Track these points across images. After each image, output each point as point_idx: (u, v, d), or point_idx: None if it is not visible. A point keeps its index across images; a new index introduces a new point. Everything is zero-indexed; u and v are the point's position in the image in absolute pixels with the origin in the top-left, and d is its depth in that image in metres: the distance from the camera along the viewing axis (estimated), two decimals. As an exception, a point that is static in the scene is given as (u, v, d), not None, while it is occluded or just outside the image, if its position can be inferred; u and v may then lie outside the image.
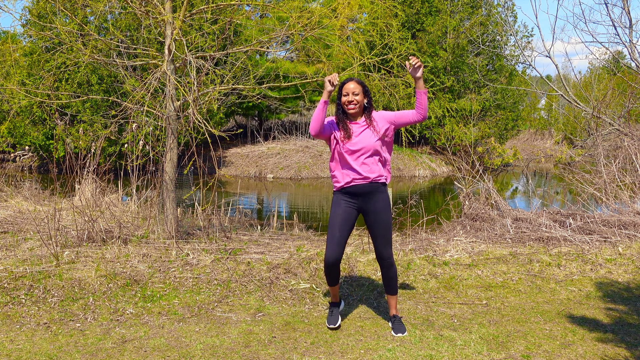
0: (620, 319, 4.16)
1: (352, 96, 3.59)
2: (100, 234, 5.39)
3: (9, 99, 8.74)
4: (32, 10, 10.45)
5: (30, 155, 18.37)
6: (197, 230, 6.20)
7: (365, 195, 3.65)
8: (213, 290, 4.45)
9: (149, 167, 6.62)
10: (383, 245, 3.70)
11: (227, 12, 6.29)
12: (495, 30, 19.52)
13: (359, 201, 3.67)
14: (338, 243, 3.62)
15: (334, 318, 3.86)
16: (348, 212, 3.67)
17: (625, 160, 8.44)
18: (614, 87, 14.17)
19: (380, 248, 3.71)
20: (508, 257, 5.40)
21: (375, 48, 6.63)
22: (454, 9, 22.22)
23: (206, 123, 4.92)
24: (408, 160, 20.35)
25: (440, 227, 7.17)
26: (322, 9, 6.18)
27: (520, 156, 22.70)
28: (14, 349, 3.41)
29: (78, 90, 14.85)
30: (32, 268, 4.49)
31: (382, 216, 3.67)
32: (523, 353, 3.48)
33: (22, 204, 7.66)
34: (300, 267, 4.93)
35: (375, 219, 3.67)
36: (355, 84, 3.62)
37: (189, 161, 5.39)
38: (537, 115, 35.93)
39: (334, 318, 3.86)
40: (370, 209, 3.67)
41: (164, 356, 3.34)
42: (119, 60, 5.86)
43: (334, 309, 3.92)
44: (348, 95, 3.60)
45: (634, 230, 6.24)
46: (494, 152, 21.24)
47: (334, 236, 3.62)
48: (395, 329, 3.75)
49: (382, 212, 3.67)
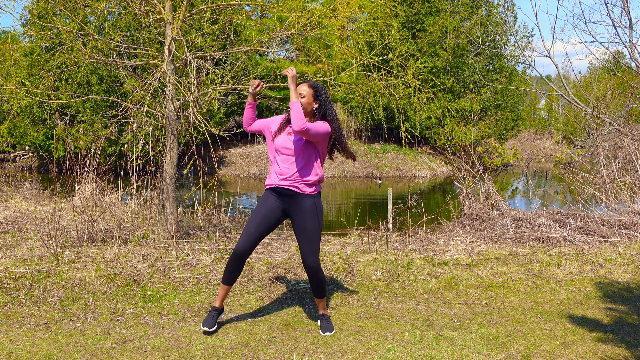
0: (620, 319, 4.16)
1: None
2: (100, 234, 5.39)
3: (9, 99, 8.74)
4: (32, 10, 10.45)
5: (30, 155, 18.37)
6: (197, 230, 6.20)
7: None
8: (213, 290, 4.45)
9: (149, 167, 6.62)
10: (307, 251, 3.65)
11: (227, 12, 6.29)
12: (495, 30, 19.52)
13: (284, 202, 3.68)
14: (250, 238, 3.60)
15: (211, 321, 3.65)
16: (271, 209, 3.67)
17: (625, 160, 8.44)
18: (614, 87, 14.17)
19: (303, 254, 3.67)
20: (508, 257, 5.40)
21: (375, 48, 6.63)
22: (454, 9, 22.22)
23: (206, 123, 4.92)
24: (408, 160, 20.35)
25: (440, 227, 7.17)
26: (322, 9, 6.19)
27: (520, 156, 22.70)
28: (14, 349, 3.41)
29: (78, 90, 14.85)
30: (32, 268, 4.49)
31: (305, 222, 3.62)
32: (523, 353, 3.48)
33: (22, 204, 7.66)
34: (300, 267, 4.93)
35: (297, 224, 3.64)
36: (306, 87, 3.64)
37: (189, 161, 5.39)
38: (537, 115, 35.93)
39: (211, 321, 3.64)
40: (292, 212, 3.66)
41: (164, 356, 3.34)
42: (119, 60, 5.86)
43: (214, 313, 3.70)
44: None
45: (634, 230, 6.24)
46: (494, 152, 21.25)
47: (248, 231, 3.61)
48: (322, 327, 3.76)
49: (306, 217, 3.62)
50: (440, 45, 21.86)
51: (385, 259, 5.17)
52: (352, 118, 22.73)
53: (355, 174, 19.38)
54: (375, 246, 5.60)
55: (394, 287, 4.74)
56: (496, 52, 19.55)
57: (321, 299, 3.84)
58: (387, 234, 5.82)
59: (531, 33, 48.97)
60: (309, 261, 3.65)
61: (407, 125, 20.52)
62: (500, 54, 20.31)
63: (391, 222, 6.50)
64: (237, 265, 3.65)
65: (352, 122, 22.83)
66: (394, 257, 5.23)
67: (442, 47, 21.78)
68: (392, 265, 5.06)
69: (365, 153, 20.40)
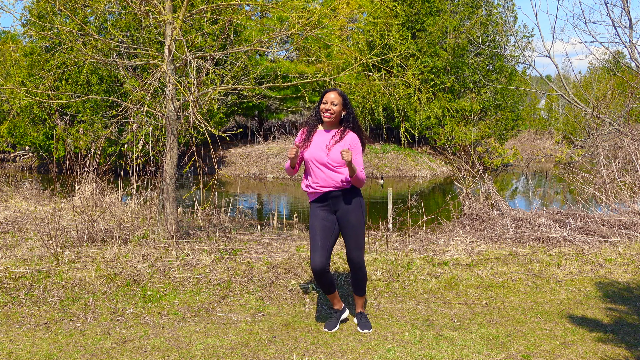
0: (620, 319, 4.16)
1: (331, 105, 3.64)
2: (100, 234, 5.39)
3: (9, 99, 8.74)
4: (32, 10, 10.44)
5: (30, 155, 18.37)
6: (197, 230, 6.20)
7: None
8: (213, 290, 4.45)
9: (149, 167, 6.62)
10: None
11: (227, 12, 6.29)
12: (495, 30, 19.53)
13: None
14: (322, 248, 3.66)
15: (331, 323, 3.88)
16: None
17: (625, 160, 8.43)
18: (614, 87, 14.17)
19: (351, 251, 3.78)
20: (508, 257, 5.40)
21: (375, 48, 6.63)
22: (454, 9, 22.23)
23: (206, 123, 4.92)
24: (408, 160, 20.35)
25: (440, 227, 7.17)
26: (322, 9, 6.18)
27: (520, 156, 22.70)
28: (14, 349, 3.41)
29: (78, 90, 14.84)
30: (32, 268, 4.49)
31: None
32: (523, 353, 3.48)
33: (22, 204, 7.66)
34: (300, 267, 4.93)
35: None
36: (336, 94, 3.67)
37: (189, 161, 5.38)
38: (537, 115, 35.94)
39: (331, 323, 3.88)
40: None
41: (164, 356, 3.34)
42: (119, 60, 5.85)
43: (334, 315, 3.94)
44: (327, 103, 3.66)
45: (634, 230, 6.24)
46: (494, 152, 21.24)
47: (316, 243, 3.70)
48: (361, 325, 3.85)
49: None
50: (440, 45, 21.86)
51: (385, 259, 5.17)
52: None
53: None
54: (375, 246, 5.59)
55: (394, 287, 4.74)
56: (496, 52, 19.55)
57: (361, 296, 3.93)
58: (387, 234, 5.82)
59: (531, 33, 48.94)
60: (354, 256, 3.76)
61: (407, 125, 20.53)
62: (500, 54, 20.30)
63: (391, 222, 6.50)
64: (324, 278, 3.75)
65: (352, 122, 22.79)
66: (394, 257, 5.23)
67: (442, 47, 21.78)
68: (392, 265, 5.06)
69: (365, 153, 20.41)
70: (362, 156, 3.72)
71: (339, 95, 3.67)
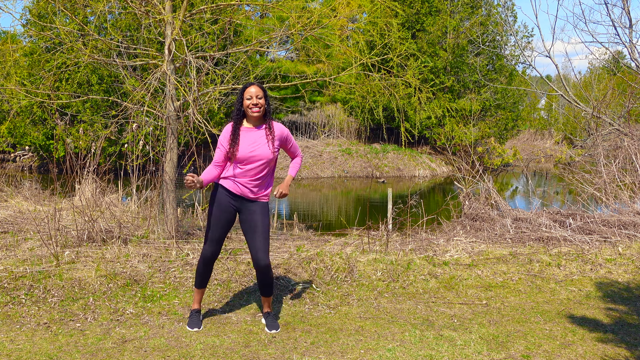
0: (620, 319, 4.16)
1: (257, 99, 3.57)
2: (100, 234, 5.39)
3: (9, 99, 8.74)
4: (32, 10, 10.44)
5: (30, 155, 18.37)
6: (197, 230, 6.20)
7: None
8: (213, 290, 4.45)
9: (149, 167, 6.62)
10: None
11: (227, 12, 6.29)
12: (495, 30, 19.53)
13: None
14: (218, 240, 3.71)
15: (195, 321, 3.78)
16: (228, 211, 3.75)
17: (625, 160, 8.44)
18: (614, 87, 14.17)
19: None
20: (508, 257, 5.40)
21: (375, 48, 6.63)
22: (454, 9, 22.22)
23: (206, 123, 4.92)
24: (408, 160, 20.35)
25: (440, 227, 7.17)
26: (322, 9, 6.18)
27: (520, 156, 22.70)
28: (14, 349, 3.41)
29: (78, 90, 14.85)
30: (32, 268, 4.49)
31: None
32: (523, 353, 3.48)
33: (22, 204, 7.66)
34: (300, 267, 4.93)
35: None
36: (257, 88, 3.60)
37: (189, 161, 5.39)
38: (537, 115, 35.94)
39: (195, 321, 3.78)
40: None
41: (164, 356, 3.34)
42: (119, 60, 5.85)
43: (196, 315, 3.84)
44: (252, 98, 3.57)
45: (634, 230, 6.24)
46: (493, 152, 21.25)
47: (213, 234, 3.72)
48: (269, 326, 3.79)
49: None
50: (440, 45, 21.86)
51: (385, 259, 5.17)
52: (352, 118, 22.73)
53: (355, 174, 19.38)
54: (375, 246, 5.59)
55: (394, 287, 4.75)
56: (496, 52, 19.56)
57: (268, 297, 3.88)
58: (387, 234, 5.82)
59: (531, 33, 48.96)
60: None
61: (407, 125, 20.52)
62: (500, 54, 20.32)
63: (391, 222, 6.50)
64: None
65: (352, 122, 22.83)
66: (394, 257, 5.23)
67: (442, 47, 21.78)
68: (392, 265, 5.06)
69: (365, 153, 20.40)
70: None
71: (260, 89, 3.60)
